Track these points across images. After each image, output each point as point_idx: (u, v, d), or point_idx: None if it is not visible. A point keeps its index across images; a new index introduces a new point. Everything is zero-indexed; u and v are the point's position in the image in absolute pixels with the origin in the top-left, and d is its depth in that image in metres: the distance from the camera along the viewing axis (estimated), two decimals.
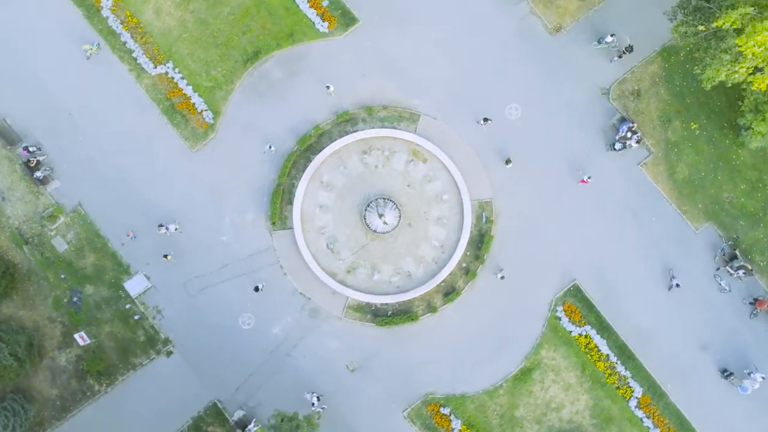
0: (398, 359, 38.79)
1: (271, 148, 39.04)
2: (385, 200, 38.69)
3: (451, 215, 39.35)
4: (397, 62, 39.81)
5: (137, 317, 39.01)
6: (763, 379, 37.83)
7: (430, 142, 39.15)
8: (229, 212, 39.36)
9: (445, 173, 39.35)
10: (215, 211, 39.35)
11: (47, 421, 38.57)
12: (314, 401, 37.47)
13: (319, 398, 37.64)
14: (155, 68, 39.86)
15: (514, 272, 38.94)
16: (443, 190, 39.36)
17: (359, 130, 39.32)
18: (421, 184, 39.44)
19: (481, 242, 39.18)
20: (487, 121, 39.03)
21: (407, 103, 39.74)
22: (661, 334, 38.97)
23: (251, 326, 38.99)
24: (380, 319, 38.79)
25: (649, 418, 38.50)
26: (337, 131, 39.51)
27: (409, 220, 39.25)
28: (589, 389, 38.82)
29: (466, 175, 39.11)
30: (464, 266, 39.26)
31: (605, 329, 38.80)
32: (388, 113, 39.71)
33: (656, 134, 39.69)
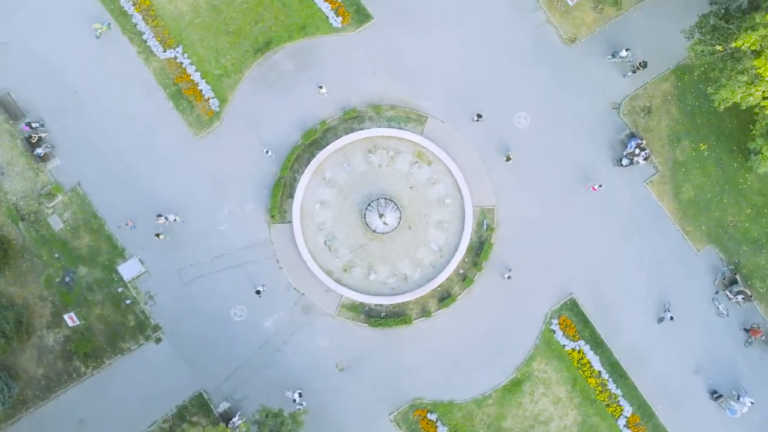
0: (389, 362, 38.49)
1: (268, 152, 38.74)
2: (386, 200, 38.38)
3: (451, 220, 39.02)
4: (408, 62, 39.51)
5: (129, 302, 38.69)
6: (752, 404, 37.55)
7: (435, 144, 38.85)
8: (228, 202, 39.05)
9: (448, 177, 39.02)
10: (215, 200, 39.03)
11: (31, 400, 38.26)
12: (296, 397, 37.16)
13: (300, 395, 37.30)
14: (164, 52, 39.54)
15: (511, 281, 38.65)
16: (446, 194, 39.03)
17: (366, 128, 39.02)
18: (423, 186, 39.11)
19: (480, 249, 38.84)
20: (480, 117, 38.70)
21: (415, 104, 39.44)
22: (655, 354, 38.67)
23: (243, 318, 38.67)
24: (373, 320, 38.46)
25: None
26: (343, 128, 39.19)
27: (409, 222, 38.92)
28: (578, 405, 38.52)
29: (469, 180, 38.82)
30: (461, 272, 38.91)
31: (599, 345, 38.52)
32: (395, 113, 39.38)
33: (664, 153, 39.36)
